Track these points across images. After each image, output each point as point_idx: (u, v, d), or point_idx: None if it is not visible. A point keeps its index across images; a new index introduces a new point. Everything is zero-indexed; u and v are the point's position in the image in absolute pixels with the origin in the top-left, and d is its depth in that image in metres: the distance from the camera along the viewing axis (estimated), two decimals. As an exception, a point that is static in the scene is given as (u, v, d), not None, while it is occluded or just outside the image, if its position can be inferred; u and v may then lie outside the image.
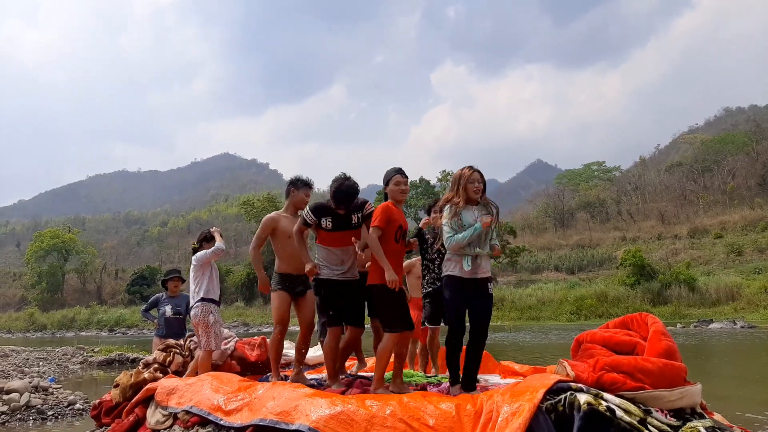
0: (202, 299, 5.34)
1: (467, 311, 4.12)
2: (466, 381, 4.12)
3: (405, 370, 5.36)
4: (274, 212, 5.11)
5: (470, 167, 4.18)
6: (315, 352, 6.39)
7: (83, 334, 40.68)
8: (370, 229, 4.20)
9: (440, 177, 54.44)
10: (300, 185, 5.11)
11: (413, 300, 5.55)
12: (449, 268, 4.13)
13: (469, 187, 4.12)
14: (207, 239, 5.58)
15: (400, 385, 4.30)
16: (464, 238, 4.04)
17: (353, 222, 4.52)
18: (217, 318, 5.38)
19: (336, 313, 4.56)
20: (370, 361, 5.71)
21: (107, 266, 67.45)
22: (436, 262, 5.08)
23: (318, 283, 4.56)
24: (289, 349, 5.88)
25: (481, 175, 4.16)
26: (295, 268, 4.84)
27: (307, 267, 4.44)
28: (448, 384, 4.55)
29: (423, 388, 4.60)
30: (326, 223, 4.45)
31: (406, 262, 5.36)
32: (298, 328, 5.07)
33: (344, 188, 4.38)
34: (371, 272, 4.28)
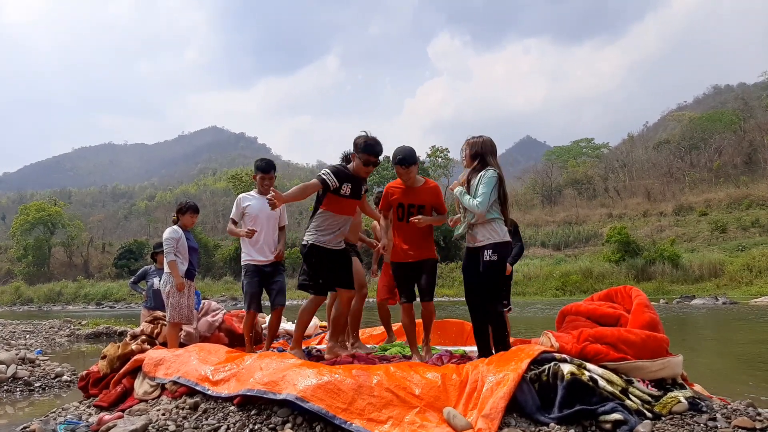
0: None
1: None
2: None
3: (401, 342, 5.42)
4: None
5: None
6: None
7: (70, 307, 40.54)
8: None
9: (429, 153, 54.02)
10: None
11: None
12: None
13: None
14: (182, 211, 5.60)
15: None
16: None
17: (361, 192, 4.47)
18: (170, 289, 5.34)
19: (324, 281, 4.49)
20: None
21: (94, 240, 66.82)
22: None
23: (312, 250, 4.39)
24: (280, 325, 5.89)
25: (468, 144, 4.18)
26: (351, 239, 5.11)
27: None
28: (438, 354, 4.60)
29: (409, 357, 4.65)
30: (346, 189, 4.29)
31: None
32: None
33: (375, 140, 4.30)
34: (429, 247, 4.46)
